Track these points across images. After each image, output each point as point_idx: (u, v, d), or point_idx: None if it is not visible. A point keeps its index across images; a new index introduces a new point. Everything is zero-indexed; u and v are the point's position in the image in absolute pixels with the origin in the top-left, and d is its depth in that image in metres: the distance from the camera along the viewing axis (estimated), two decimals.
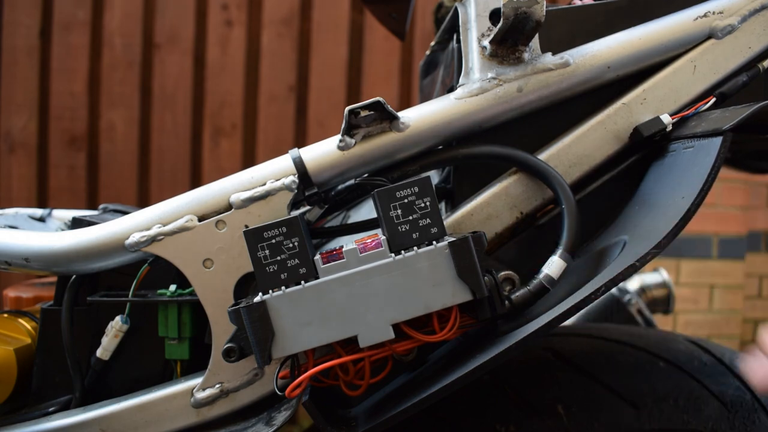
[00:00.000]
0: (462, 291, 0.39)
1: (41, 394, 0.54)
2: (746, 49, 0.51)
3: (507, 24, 0.45)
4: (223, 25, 2.04)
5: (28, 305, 0.67)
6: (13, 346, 0.55)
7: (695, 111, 0.49)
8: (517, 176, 0.51)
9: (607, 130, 0.51)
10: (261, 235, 0.40)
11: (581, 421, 0.54)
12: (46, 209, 0.73)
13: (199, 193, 0.49)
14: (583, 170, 0.51)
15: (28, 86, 1.99)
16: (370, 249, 0.40)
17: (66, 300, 0.52)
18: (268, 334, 0.39)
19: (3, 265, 0.50)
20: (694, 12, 0.51)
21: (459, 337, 0.48)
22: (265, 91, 2.04)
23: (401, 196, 0.40)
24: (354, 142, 0.48)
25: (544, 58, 0.50)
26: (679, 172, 0.45)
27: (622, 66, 0.50)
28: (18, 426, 0.51)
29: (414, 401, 0.41)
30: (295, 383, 0.40)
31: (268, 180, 0.48)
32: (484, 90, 0.49)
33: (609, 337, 0.63)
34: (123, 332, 0.52)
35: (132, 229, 0.48)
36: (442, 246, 0.39)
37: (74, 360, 0.52)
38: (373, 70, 2.06)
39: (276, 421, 0.47)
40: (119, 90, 2.01)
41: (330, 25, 2.05)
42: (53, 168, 2.00)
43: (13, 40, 1.98)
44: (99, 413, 0.50)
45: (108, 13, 2.01)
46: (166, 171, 2.03)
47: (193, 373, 0.51)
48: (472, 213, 0.50)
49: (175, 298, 0.51)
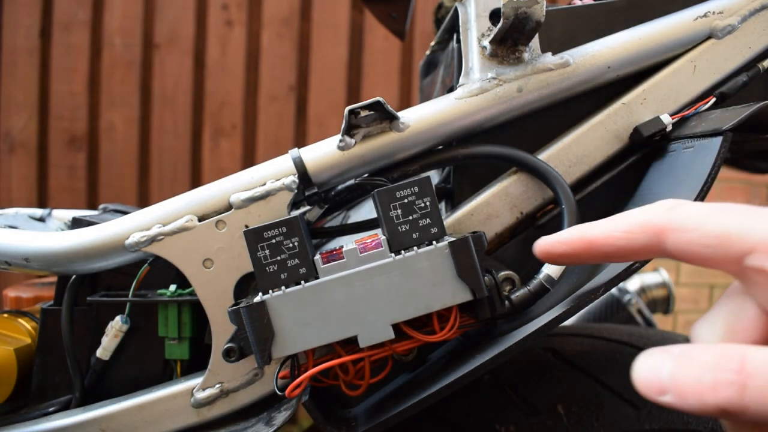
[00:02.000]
0: (462, 291, 0.39)
1: (41, 394, 0.54)
2: (746, 49, 0.51)
3: (507, 24, 0.45)
4: (223, 25, 2.04)
5: (28, 305, 0.67)
6: (13, 346, 0.55)
7: (695, 111, 0.49)
8: (517, 176, 0.51)
9: (607, 130, 0.51)
10: (261, 235, 0.40)
11: (581, 421, 0.54)
12: (46, 209, 0.73)
13: (199, 193, 0.49)
14: (583, 170, 0.51)
15: (28, 86, 1.99)
16: (370, 249, 0.40)
17: (66, 300, 0.52)
18: (268, 334, 0.39)
19: (3, 265, 0.50)
20: (694, 12, 0.51)
21: (459, 337, 0.48)
22: (265, 91, 2.05)
23: (401, 196, 0.40)
24: (354, 142, 0.48)
25: (544, 58, 0.50)
26: (679, 172, 0.45)
27: (622, 66, 0.50)
28: (18, 426, 0.51)
29: (414, 401, 0.41)
30: (295, 383, 0.40)
31: (268, 180, 0.48)
32: (484, 90, 0.49)
33: (609, 337, 0.63)
34: (123, 332, 0.52)
35: (132, 229, 0.48)
36: (442, 246, 0.39)
37: (74, 360, 0.52)
38: (373, 70, 2.06)
39: (276, 421, 0.47)
40: (119, 90, 2.01)
41: (330, 25, 2.05)
42: (53, 168, 2.01)
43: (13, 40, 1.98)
44: (99, 413, 0.50)
45: (108, 13, 2.01)
46: (166, 171, 2.03)
47: (193, 373, 0.51)
48: (472, 213, 0.50)
49: (175, 298, 0.51)
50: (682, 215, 0.30)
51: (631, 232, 0.32)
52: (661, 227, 0.31)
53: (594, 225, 0.34)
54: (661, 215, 0.31)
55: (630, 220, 0.32)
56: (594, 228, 0.34)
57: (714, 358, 0.27)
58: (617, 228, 0.33)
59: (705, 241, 0.29)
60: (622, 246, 0.33)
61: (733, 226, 0.28)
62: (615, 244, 0.33)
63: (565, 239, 0.35)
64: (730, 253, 0.28)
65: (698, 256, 0.29)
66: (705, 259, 0.29)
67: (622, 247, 0.33)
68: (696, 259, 0.30)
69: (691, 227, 0.29)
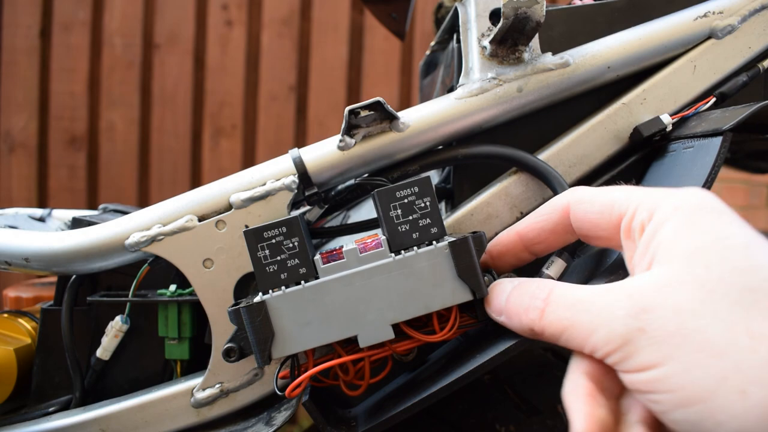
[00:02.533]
0: (462, 291, 0.39)
1: (41, 394, 0.54)
2: (746, 49, 0.51)
3: (507, 24, 0.45)
4: (223, 25, 2.04)
5: (28, 305, 0.68)
6: (13, 346, 0.55)
7: (695, 111, 0.49)
8: (517, 176, 0.51)
9: (607, 130, 0.51)
10: (261, 235, 0.40)
11: None
12: (46, 209, 0.73)
13: (199, 193, 0.49)
14: (583, 170, 0.51)
15: (28, 86, 1.99)
16: (370, 249, 0.40)
17: (66, 300, 0.52)
18: (268, 334, 0.39)
19: (3, 265, 0.50)
20: (694, 12, 0.51)
21: (459, 337, 0.48)
22: (265, 91, 2.05)
23: (401, 196, 0.40)
24: (354, 142, 0.48)
25: (544, 58, 0.50)
26: (679, 172, 0.45)
27: (622, 66, 0.50)
28: (18, 426, 0.51)
29: (414, 401, 0.41)
30: (295, 383, 0.40)
31: (268, 180, 0.48)
32: (484, 90, 0.49)
33: None
34: (123, 332, 0.52)
35: (132, 229, 0.48)
36: (442, 246, 0.39)
37: (74, 360, 0.52)
38: (373, 70, 2.06)
39: (276, 421, 0.47)
40: (119, 90, 2.02)
41: (330, 25, 2.05)
42: (53, 168, 2.01)
43: (13, 40, 1.98)
44: (99, 413, 0.50)
45: (108, 13, 2.01)
46: (166, 171, 2.03)
47: (193, 373, 0.51)
48: (472, 213, 0.50)
49: (175, 298, 0.51)
50: (580, 191, 0.37)
51: (545, 215, 0.39)
52: (566, 203, 0.37)
53: (520, 221, 0.41)
54: (566, 195, 0.38)
55: (545, 205, 0.39)
56: (520, 223, 0.41)
57: (533, 289, 0.34)
58: (537, 215, 0.39)
59: (595, 208, 0.35)
60: (542, 228, 0.39)
61: (618, 197, 0.33)
62: (537, 228, 0.39)
63: (500, 240, 0.42)
64: (612, 217, 0.33)
65: (590, 223, 0.35)
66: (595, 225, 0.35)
67: (543, 229, 0.39)
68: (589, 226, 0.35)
69: (586, 199, 0.36)
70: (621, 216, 0.33)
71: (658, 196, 0.31)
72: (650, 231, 0.30)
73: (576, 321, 0.30)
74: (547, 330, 0.32)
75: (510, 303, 0.36)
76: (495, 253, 0.42)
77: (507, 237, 0.41)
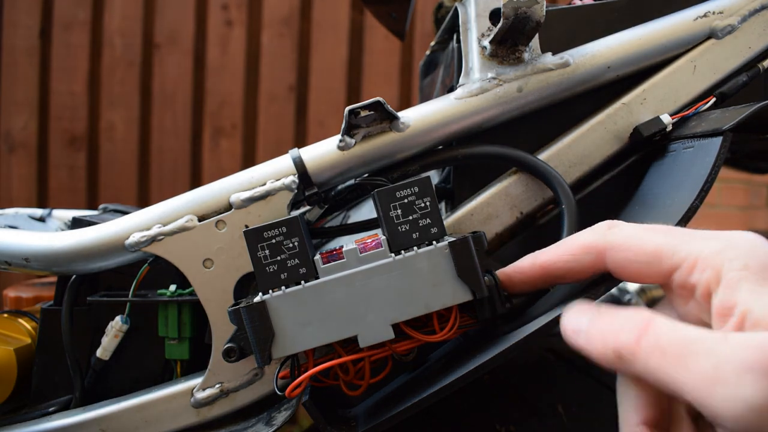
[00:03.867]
0: (462, 291, 0.39)
1: (41, 394, 0.54)
2: (746, 49, 0.51)
3: (507, 24, 0.45)
4: (223, 25, 2.04)
5: (28, 305, 0.67)
6: (13, 346, 0.55)
7: (695, 111, 0.49)
8: (517, 176, 0.51)
9: (607, 130, 0.51)
10: (261, 235, 0.40)
11: (581, 421, 0.54)
12: (46, 209, 0.73)
13: (199, 193, 0.49)
14: (583, 170, 0.51)
15: (28, 86, 1.99)
16: (370, 249, 0.40)
17: (66, 300, 0.52)
18: (268, 334, 0.39)
19: (3, 265, 0.50)
20: (694, 12, 0.51)
21: (459, 337, 0.48)
22: (265, 91, 2.05)
23: (401, 196, 0.40)
24: (354, 142, 0.48)
25: (544, 58, 0.50)
26: (679, 172, 0.45)
27: (622, 66, 0.50)
28: (18, 426, 0.51)
29: (414, 401, 0.41)
30: (295, 383, 0.40)
31: (268, 180, 0.48)
32: (484, 90, 0.49)
33: None
34: (123, 332, 0.52)
35: (132, 229, 0.48)
36: (442, 246, 0.39)
37: (74, 360, 0.52)
38: (373, 70, 2.06)
39: (276, 421, 0.47)
40: (119, 90, 2.02)
41: (330, 25, 2.05)
42: (53, 168, 2.01)
43: (13, 40, 1.98)
44: (99, 413, 0.50)
45: (108, 13, 2.01)
46: (166, 171, 2.03)
47: (193, 373, 0.51)
48: (472, 213, 0.50)
49: (175, 298, 0.51)
50: (619, 236, 0.33)
51: (576, 255, 0.35)
52: (602, 247, 0.34)
53: (544, 252, 0.38)
54: (601, 237, 0.34)
55: (574, 243, 0.36)
56: (544, 254, 0.37)
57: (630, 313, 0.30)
58: (564, 252, 0.36)
59: (640, 258, 0.32)
60: (570, 268, 0.36)
61: (664, 245, 0.31)
62: (564, 267, 0.36)
63: (520, 268, 0.39)
64: (661, 268, 0.31)
65: (634, 272, 0.32)
66: (640, 274, 0.32)
67: (571, 269, 0.36)
68: (632, 274, 0.33)
69: (627, 246, 0.33)
70: (671, 269, 0.30)
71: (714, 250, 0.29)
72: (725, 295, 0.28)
73: (689, 362, 0.26)
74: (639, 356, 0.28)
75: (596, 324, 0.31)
76: (515, 280, 0.40)
77: (530, 268, 0.38)
